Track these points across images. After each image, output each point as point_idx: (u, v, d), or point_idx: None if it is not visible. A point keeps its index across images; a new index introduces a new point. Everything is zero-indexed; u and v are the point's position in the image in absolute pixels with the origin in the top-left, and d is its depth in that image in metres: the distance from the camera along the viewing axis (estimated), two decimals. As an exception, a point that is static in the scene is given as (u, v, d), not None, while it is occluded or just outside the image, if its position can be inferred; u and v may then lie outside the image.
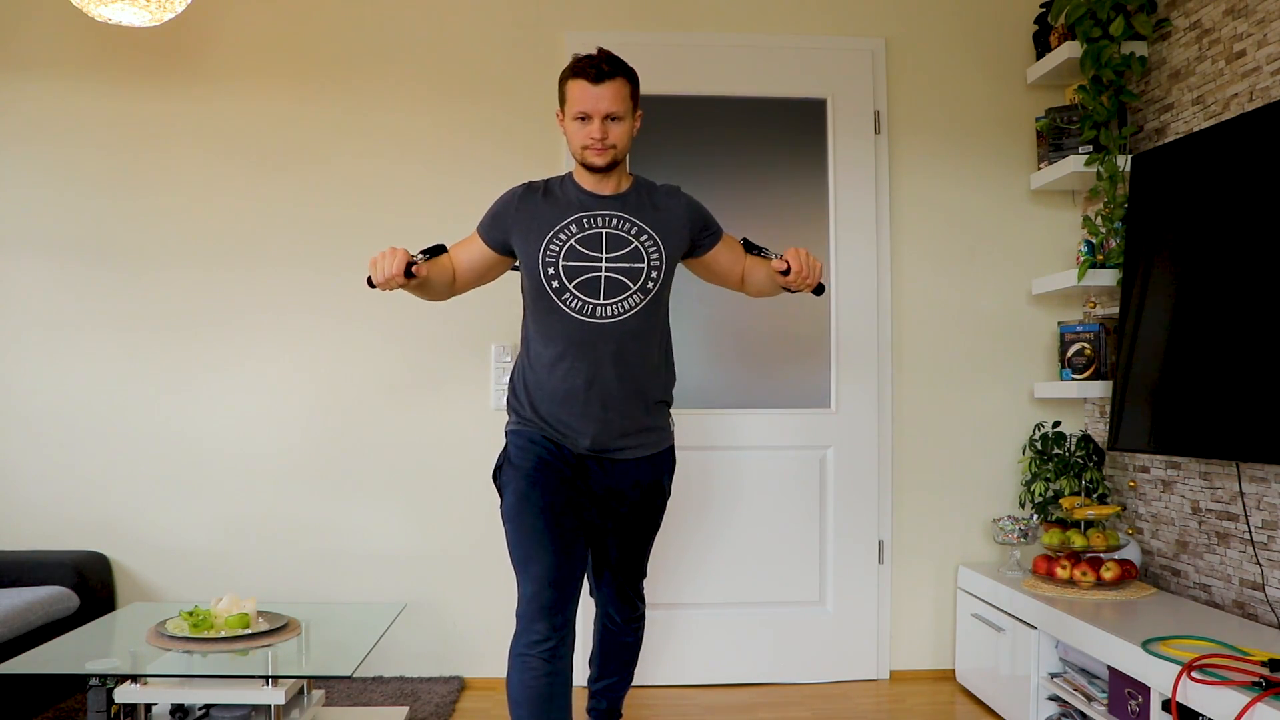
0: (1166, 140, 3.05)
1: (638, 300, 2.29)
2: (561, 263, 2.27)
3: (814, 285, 2.26)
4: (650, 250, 2.31)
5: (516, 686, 2.17)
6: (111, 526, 3.37)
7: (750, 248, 2.42)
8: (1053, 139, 3.39)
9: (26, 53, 3.38)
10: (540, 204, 2.31)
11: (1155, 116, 3.16)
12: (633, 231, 2.30)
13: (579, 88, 2.24)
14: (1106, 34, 3.14)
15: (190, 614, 2.54)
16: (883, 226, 3.51)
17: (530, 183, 2.38)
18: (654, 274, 2.31)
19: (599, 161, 2.26)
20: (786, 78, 3.50)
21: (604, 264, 2.28)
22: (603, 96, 2.22)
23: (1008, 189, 3.56)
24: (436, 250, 2.30)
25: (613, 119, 2.24)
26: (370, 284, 2.14)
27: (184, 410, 3.39)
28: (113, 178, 3.39)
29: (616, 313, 2.28)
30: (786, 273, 2.22)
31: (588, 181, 2.33)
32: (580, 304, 2.27)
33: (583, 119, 2.24)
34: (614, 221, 2.30)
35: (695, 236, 2.40)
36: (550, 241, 2.28)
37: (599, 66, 2.22)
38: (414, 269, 2.13)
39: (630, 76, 2.28)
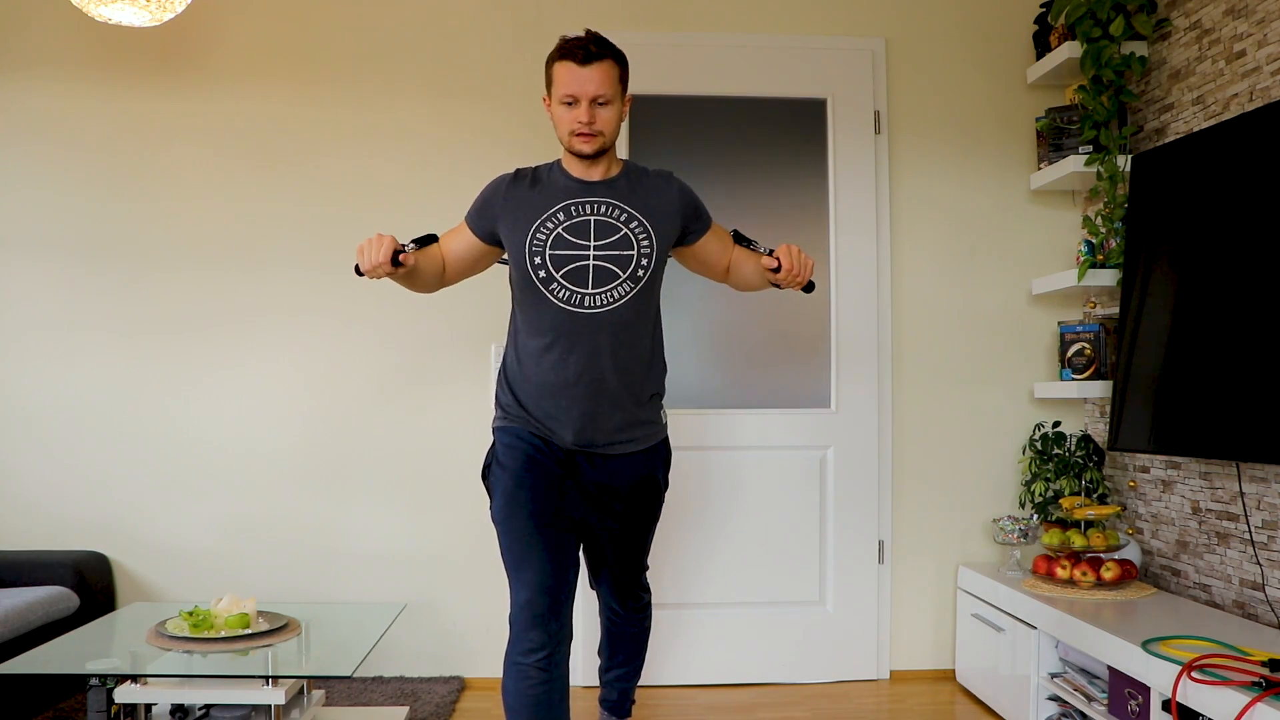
0: (1166, 140, 3.05)
1: (628, 289, 2.23)
2: (549, 251, 2.21)
3: (804, 283, 2.24)
4: (640, 237, 2.24)
5: (513, 694, 2.13)
6: (111, 526, 3.37)
7: (740, 239, 2.38)
8: (1053, 139, 3.39)
9: (26, 53, 3.38)
10: (527, 192, 2.26)
11: (1155, 116, 3.16)
12: (622, 218, 2.24)
13: (566, 70, 2.16)
14: (1106, 34, 3.14)
15: (190, 614, 2.54)
16: (883, 226, 3.51)
17: (518, 170, 2.31)
18: (644, 261, 2.24)
19: (587, 149, 2.19)
20: (786, 78, 3.49)
21: (592, 252, 2.21)
22: (590, 79, 2.15)
23: (1008, 189, 3.56)
24: (427, 240, 2.25)
25: (601, 103, 2.17)
26: (358, 272, 2.11)
27: (184, 410, 3.40)
28: (113, 178, 3.39)
29: (605, 302, 2.22)
30: (778, 269, 2.20)
31: (576, 168, 2.27)
32: (568, 294, 2.21)
33: (570, 103, 2.17)
34: (603, 208, 2.24)
35: (687, 223, 2.33)
36: (537, 230, 2.22)
37: (586, 48, 2.15)
38: (401, 257, 2.11)
39: (619, 59, 2.21)
